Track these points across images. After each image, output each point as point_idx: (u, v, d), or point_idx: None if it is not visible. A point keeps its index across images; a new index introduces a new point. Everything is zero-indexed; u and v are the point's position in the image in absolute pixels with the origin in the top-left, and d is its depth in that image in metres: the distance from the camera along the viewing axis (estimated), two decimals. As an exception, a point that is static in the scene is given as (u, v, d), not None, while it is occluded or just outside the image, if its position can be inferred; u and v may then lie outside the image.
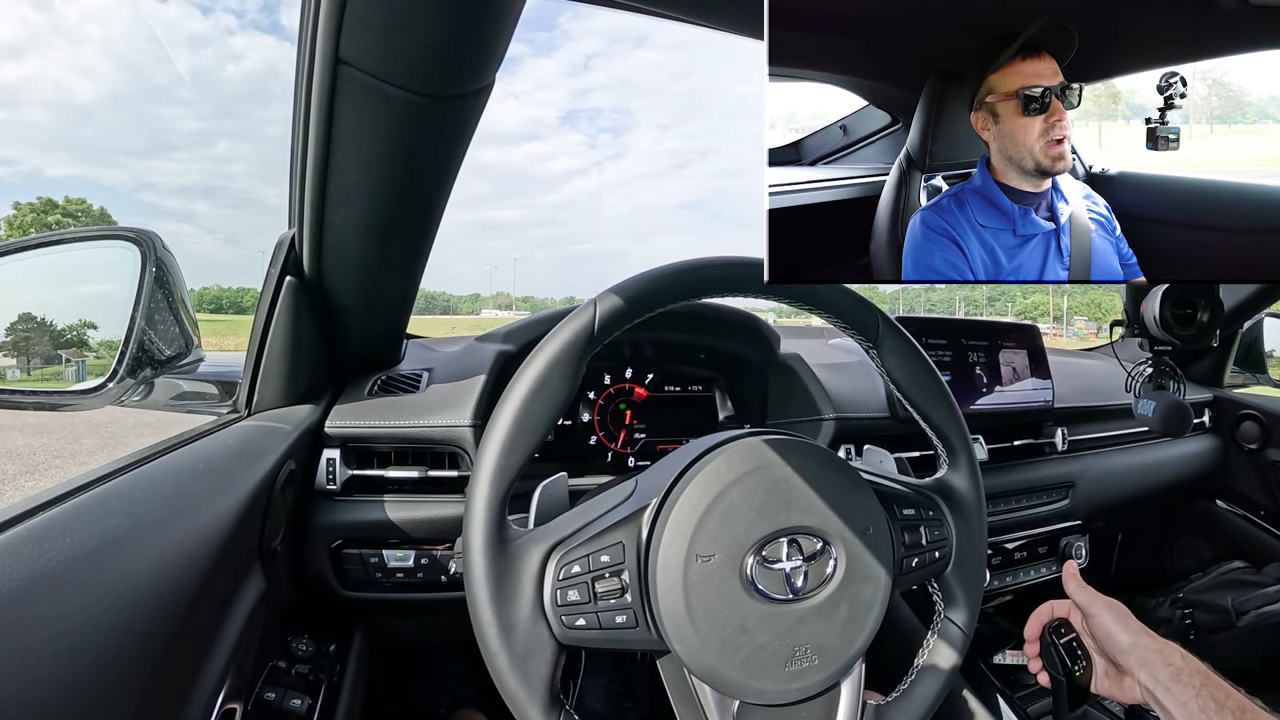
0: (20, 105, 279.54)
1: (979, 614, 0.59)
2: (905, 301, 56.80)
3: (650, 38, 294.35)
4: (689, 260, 0.50)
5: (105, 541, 0.41)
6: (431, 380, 0.86)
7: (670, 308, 0.49)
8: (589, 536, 0.47)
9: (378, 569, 0.77)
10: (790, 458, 0.50)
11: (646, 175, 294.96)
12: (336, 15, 0.43)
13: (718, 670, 0.47)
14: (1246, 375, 1.56)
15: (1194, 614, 1.26)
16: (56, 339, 0.79)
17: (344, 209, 0.62)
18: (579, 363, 0.47)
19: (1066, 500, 1.17)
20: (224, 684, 0.51)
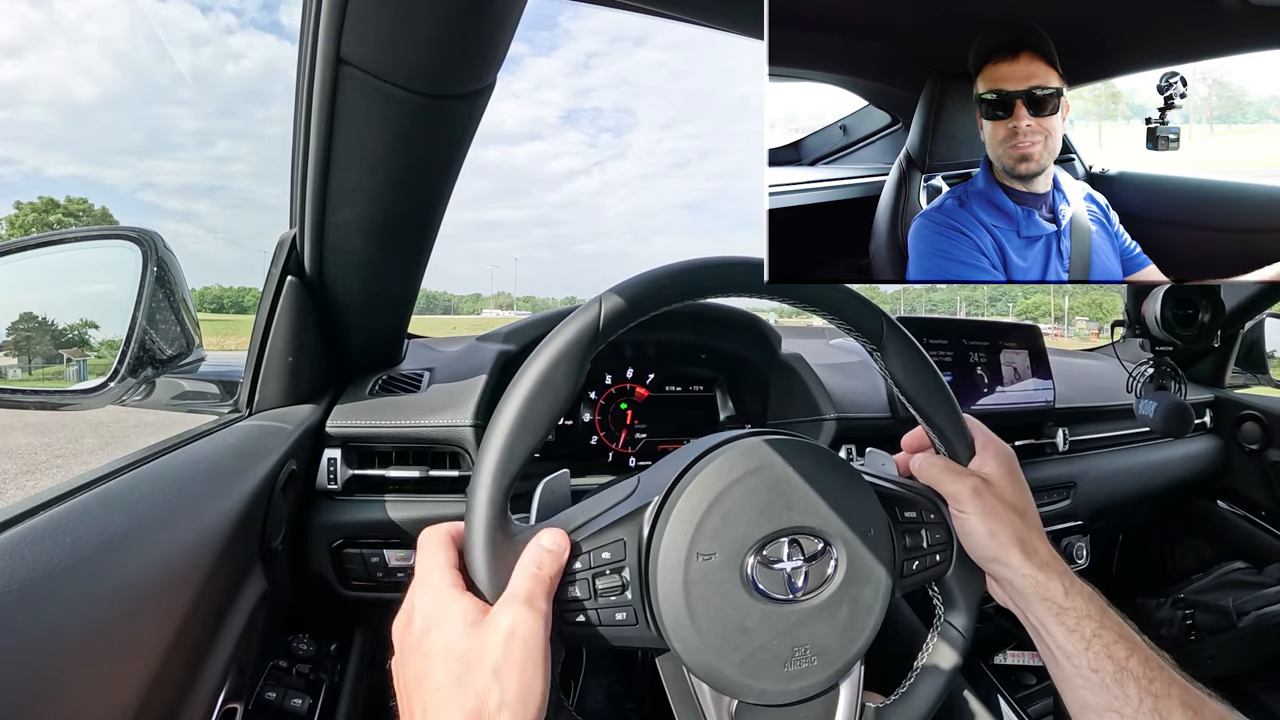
0: (20, 105, 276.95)
1: (979, 615, 0.59)
2: (906, 301, 56.79)
3: (651, 37, 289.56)
4: (691, 260, 0.50)
5: (106, 541, 0.41)
6: (433, 380, 0.86)
7: (672, 307, 0.49)
8: (590, 533, 0.47)
9: (379, 569, 0.78)
10: (792, 458, 0.50)
11: (647, 175, 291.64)
12: (338, 15, 0.43)
13: (717, 669, 0.47)
14: (1248, 376, 1.56)
15: (1195, 615, 1.26)
16: (58, 338, 0.80)
17: (345, 209, 0.62)
18: (583, 361, 0.47)
19: (1068, 500, 1.17)
20: (225, 683, 0.51)
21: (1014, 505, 0.53)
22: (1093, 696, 0.47)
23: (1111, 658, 0.47)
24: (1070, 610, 0.49)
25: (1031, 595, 0.50)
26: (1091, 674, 0.47)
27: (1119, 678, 0.46)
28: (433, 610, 0.42)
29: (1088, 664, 0.48)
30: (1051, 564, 0.51)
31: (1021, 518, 0.53)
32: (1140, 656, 0.47)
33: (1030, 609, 0.51)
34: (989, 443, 0.57)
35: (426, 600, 0.42)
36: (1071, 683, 0.49)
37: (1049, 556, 0.52)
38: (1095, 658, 0.47)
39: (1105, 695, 0.46)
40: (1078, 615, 0.49)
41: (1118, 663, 0.47)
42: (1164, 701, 0.45)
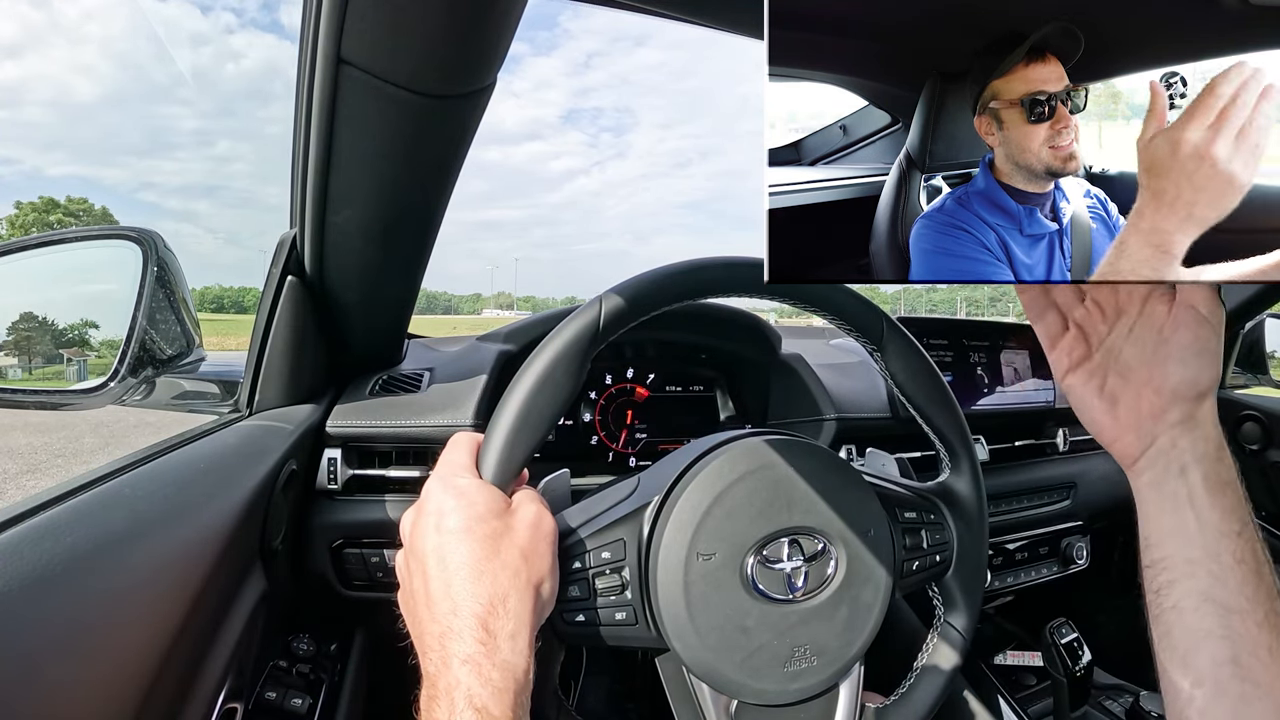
0: (20, 105, 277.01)
1: (979, 615, 0.59)
2: (906, 302, 56.77)
3: (652, 36, 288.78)
4: (691, 260, 0.50)
5: (107, 541, 0.41)
6: (433, 380, 0.86)
7: (672, 307, 0.49)
8: (590, 532, 0.47)
9: (379, 569, 0.77)
10: (792, 458, 0.50)
11: (648, 175, 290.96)
12: (338, 15, 0.43)
13: (716, 669, 0.47)
14: (1248, 376, 1.56)
15: (1195, 615, 1.26)
16: (58, 338, 0.80)
17: (345, 209, 0.62)
18: (584, 360, 0.47)
19: (1068, 501, 1.17)
20: (225, 683, 0.51)
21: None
22: (1221, 590, 0.39)
23: (1255, 555, 0.39)
24: (1231, 485, 0.41)
25: (1215, 437, 0.42)
26: (1235, 564, 0.39)
27: (1257, 576, 0.39)
28: (454, 497, 0.42)
29: (1232, 553, 0.39)
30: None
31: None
32: (1272, 569, 0.39)
33: (1194, 467, 0.42)
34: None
35: (449, 489, 0.43)
36: (1196, 570, 0.40)
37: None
38: (1245, 546, 0.39)
39: (1239, 596, 0.38)
40: (1239, 495, 0.41)
41: (1260, 560, 0.39)
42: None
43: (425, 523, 0.42)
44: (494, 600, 0.38)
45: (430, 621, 0.39)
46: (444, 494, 0.43)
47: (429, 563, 0.40)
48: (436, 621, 0.39)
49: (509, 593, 0.39)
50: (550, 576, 0.43)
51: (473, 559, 0.39)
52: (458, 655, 0.37)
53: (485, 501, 0.42)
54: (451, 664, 0.37)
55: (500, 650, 0.37)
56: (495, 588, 0.39)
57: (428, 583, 0.40)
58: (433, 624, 0.39)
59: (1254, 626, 0.38)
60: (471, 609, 0.38)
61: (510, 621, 0.38)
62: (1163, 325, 0.42)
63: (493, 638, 0.37)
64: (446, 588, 0.39)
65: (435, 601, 0.39)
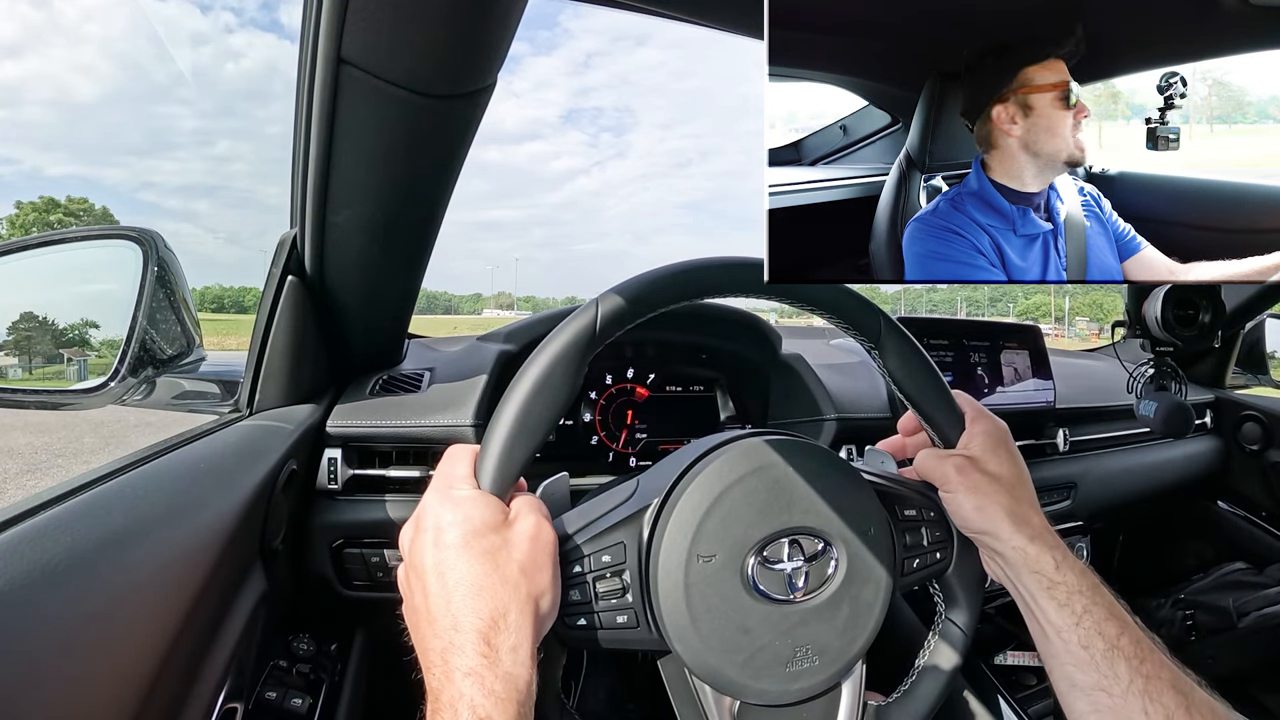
0: (20, 104, 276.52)
1: (980, 614, 0.59)
2: (907, 302, 56.78)
3: (652, 36, 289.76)
4: (690, 260, 0.50)
5: (107, 540, 0.41)
6: (433, 380, 0.86)
7: (672, 308, 0.49)
8: (590, 536, 0.47)
9: (379, 568, 0.78)
10: (792, 458, 0.50)
11: (648, 175, 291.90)
12: (339, 15, 0.43)
13: (718, 670, 0.47)
14: (1248, 376, 1.56)
15: (1195, 615, 1.26)
16: (58, 338, 0.80)
17: (346, 209, 0.62)
18: (581, 362, 0.47)
19: (1068, 501, 1.17)
20: (225, 683, 0.51)
21: (1001, 477, 0.52)
22: (1081, 674, 0.46)
23: (1102, 635, 0.46)
24: (1061, 585, 0.48)
25: (1021, 567, 0.49)
26: (1081, 651, 0.46)
27: (1109, 656, 0.45)
28: (451, 510, 0.42)
29: (1078, 640, 0.46)
30: (1044, 536, 0.50)
31: (1011, 490, 0.52)
32: (1132, 636, 0.46)
33: (1020, 581, 0.50)
34: (978, 417, 0.55)
35: (446, 502, 0.43)
36: (1060, 659, 0.48)
37: (1041, 529, 0.51)
38: (1086, 634, 0.46)
39: (1094, 673, 0.45)
40: (1069, 590, 0.48)
41: (1109, 640, 0.45)
42: (1154, 683, 0.44)
43: (423, 538, 0.42)
44: (495, 615, 0.38)
45: (432, 637, 0.39)
46: (441, 507, 0.42)
47: (429, 579, 0.40)
48: (438, 637, 0.39)
49: (509, 608, 0.39)
50: (550, 589, 0.42)
51: (472, 575, 0.39)
52: (460, 669, 0.37)
53: (483, 514, 0.42)
54: (454, 677, 0.37)
55: (502, 662, 0.38)
56: (495, 603, 0.39)
57: (428, 599, 0.40)
58: (435, 639, 0.39)
59: (1119, 699, 0.44)
60: (472, 624, 0.38)
61: (511, 635, 0.38)
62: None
63: (494, 651, 0.38)
64: (447, 604, 0.39)
65: (436, 618, 0.39)
